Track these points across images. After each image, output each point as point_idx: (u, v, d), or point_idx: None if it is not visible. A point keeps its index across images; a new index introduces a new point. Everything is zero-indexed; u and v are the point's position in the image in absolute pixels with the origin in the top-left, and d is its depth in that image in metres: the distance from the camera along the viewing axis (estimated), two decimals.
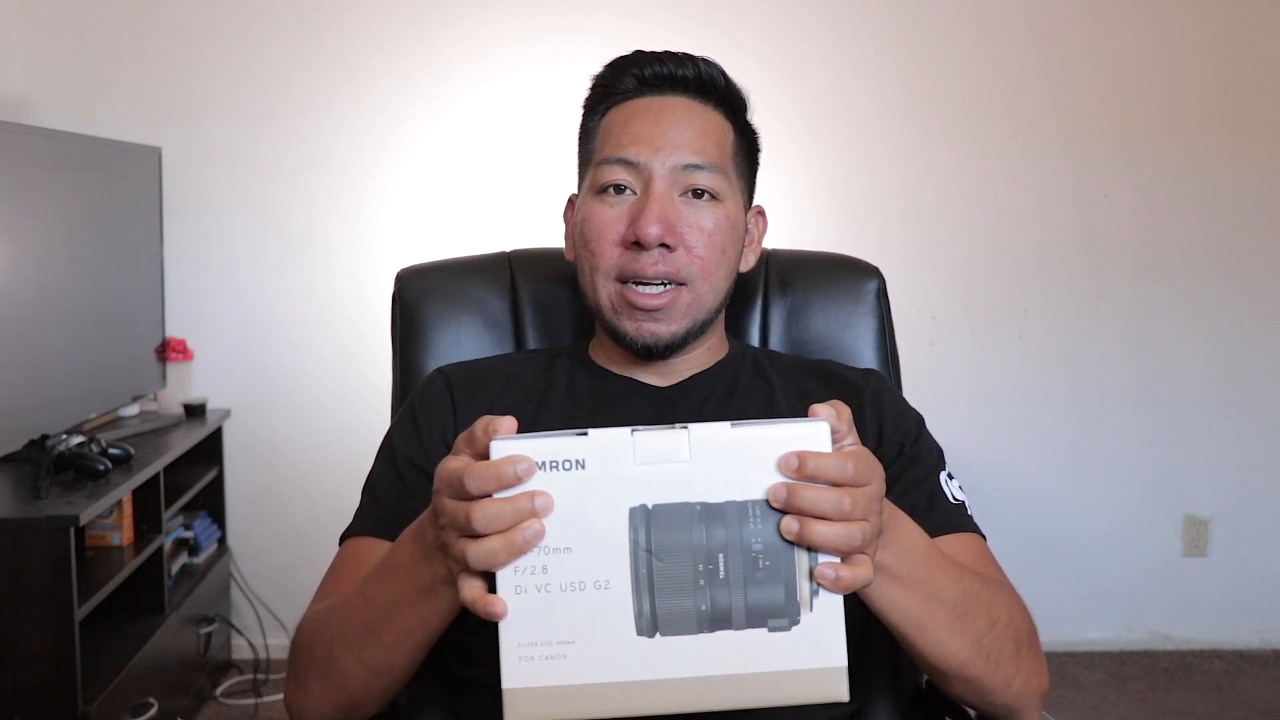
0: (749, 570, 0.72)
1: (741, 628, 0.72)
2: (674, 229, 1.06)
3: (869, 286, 1.33)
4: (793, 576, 0.72)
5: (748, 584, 0.72)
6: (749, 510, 0.72)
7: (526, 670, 0.72)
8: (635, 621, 0.72)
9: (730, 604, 0.72)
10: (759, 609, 0.72)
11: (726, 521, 0.72)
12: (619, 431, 0.73)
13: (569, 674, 0.72)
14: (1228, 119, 2.98)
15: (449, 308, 1.31)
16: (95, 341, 2.53)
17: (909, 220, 2.96)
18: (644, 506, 0.72)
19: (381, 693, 0.95)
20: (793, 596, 0.72)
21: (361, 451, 1.21)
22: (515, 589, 0.72)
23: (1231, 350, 3.05)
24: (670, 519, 0.72)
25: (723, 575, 0.72)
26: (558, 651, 0.72)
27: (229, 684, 2.82)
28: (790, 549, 0.72)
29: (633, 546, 0.72)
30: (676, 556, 0.72)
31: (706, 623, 0.72)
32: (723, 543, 0.72)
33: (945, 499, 1.07)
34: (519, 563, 0.72)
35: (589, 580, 0.72)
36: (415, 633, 0.88)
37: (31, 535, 1.91)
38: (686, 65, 1.11)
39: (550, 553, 0.72)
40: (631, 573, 0.72)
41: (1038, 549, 3.00)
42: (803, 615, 0.72)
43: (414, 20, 2.85)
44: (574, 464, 0.72)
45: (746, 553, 0.72)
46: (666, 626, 0.72)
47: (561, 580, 0.72)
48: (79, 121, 2.73)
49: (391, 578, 0.88)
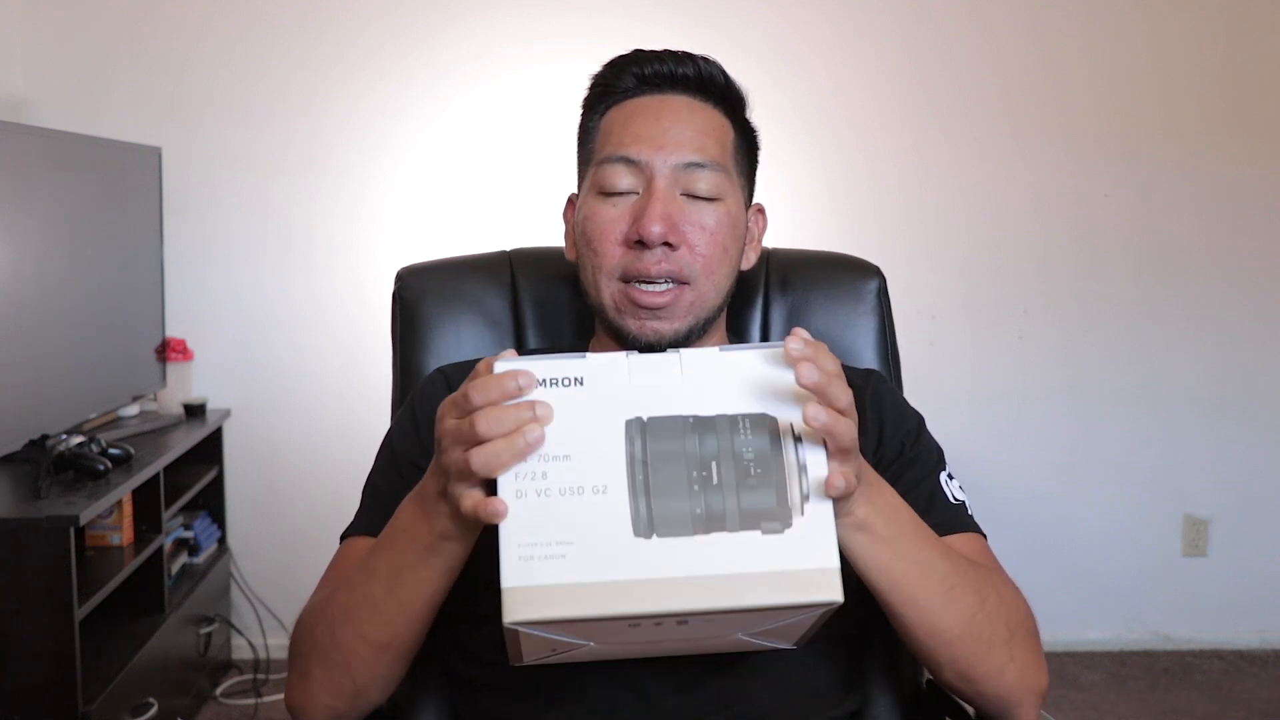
0: (741, 476, 0.74)
1: (735, 530, 0.74)
2: (676, 227, 1.06)
3: (869, 286, 1.33)
4: (783, 482, 0.74)
5: (740, 489, 0.74)
6: (739, 422, 0.75)
7: (526, 569, 0.73)
8: (633, 522, 0.74)
9: (724, 507, 0.74)
10: (752, 511, 0.74)
11: (718, 432, 0.75)
12: (615, 355, 0.77)
13: (568, 573, 0.73)
14: (1228, 119, 2.98)
15: (449, 307, 1.31)
16: (95, 341, 2.53)
17: (909, 220, 2.96)
18: (639, 419, 0.75)
19: (384, 673, 0.95)
20: (784, 500, 0.74)
21: (361, 451, 1.21)
22: (516, 493, 0.74)
23: (1231, 350, 3.05)
24: (665, 429, 0.75)
25: (716, 481, 0.74)
26: (556, 551, 0.73)
27: (229, 684, 2.82)
28: (779, 456, 0.75)
29: (629, 454, 0.75)
30: (671, 463, 0.74)
31: (702, 524, 0.74)
32: (715, 451, 0.75)
33: (946, 499, 1.07)
34: (519, 468, 0.74)
35: (587, 485, 0.74)
36: (416, 599, 0.89)
37: (31, 535, 1.91)
38: (686, 64, 1.11)
39: (550, 460, 0.74)
40: (629, 478, 0.74)
41: (1038, 549, 3.00)
42: (794, 519, 0.74)
43: (414, 20, 2.85)
44: (572, 380, 0.75)
45: (739, 460, 0.74)
46: (663, 527, 0.74)
47: (561, 485, 0.74)
48: (79, 121, 2.73)
49: (392, 543, 0.90)
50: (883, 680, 1.16)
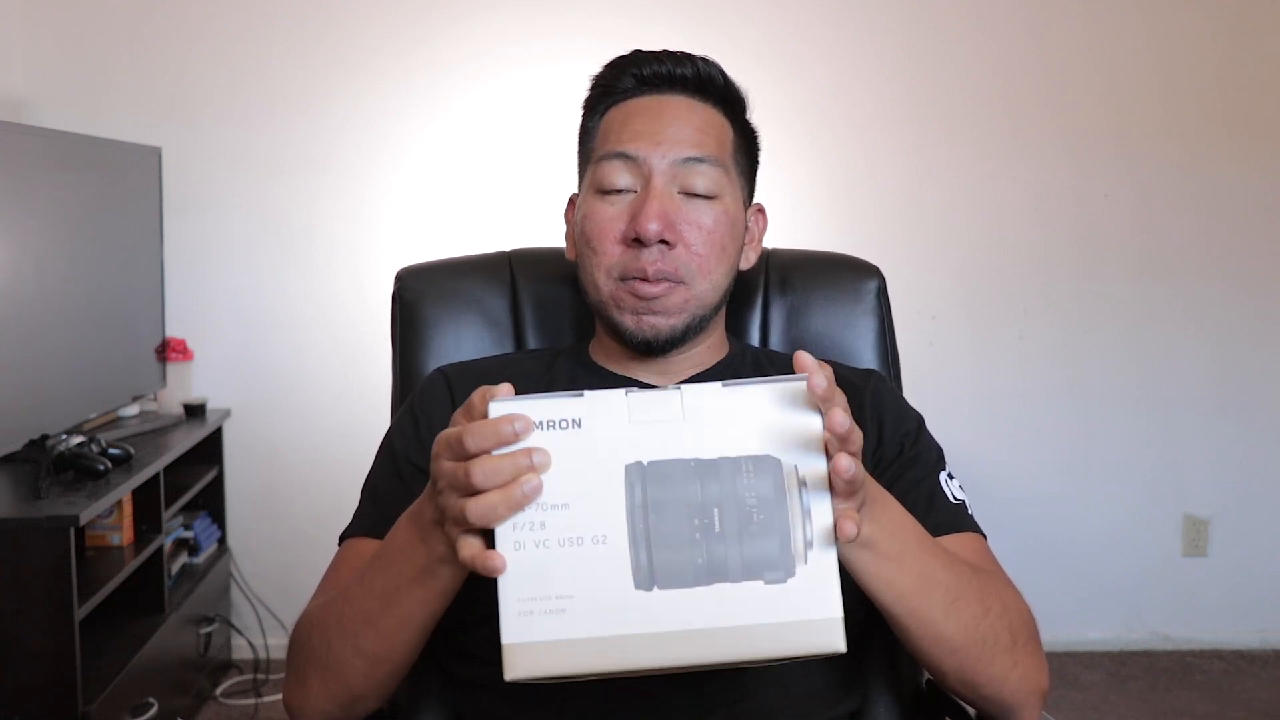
0: (744, 523, 0.72)
1: (738, 580, 0.72)
2: (673, 225, 1.06)
3: (869, 286, 1.33)
4: (786, 529, 0.73)
5: (743, 536, 0.72)
6: (742, 466, 0.73)
7: (525, 625, 0.72)
8: (633, 574, 0.72)
9: (726, 556, 0.72)
10: (755, 561, 0.72)
11: (721, 476, 0.73)
12: (614, 393, 0.74)
13: (568, 628, 0.72)
14: (1228, 119, 2.98)
15: (449, 307, 1.31)
16: (95, 341, 2.53)
17: (909, 220, 2.96)
18: (639, 463, 0.73)
19: (380, 684, 0.94)
20: (787, 549, 0.73)
21: (361, 451, 1.21)
22: (514, 545, 0.72)
23: (1231, 350, 3.05)
24: (666, 474, 0.73)
25: (718, 529, 0.72)
26: (556, 606, 0.72)
27: (229, 684, 2.82)
28: (784, 502, 0.73)
29: (629, 502, 0.73)
30: (672, 511, 0.72)
31: (704, 575, 0.72)
32: (717, 497, 0.73)
33: (946, 499, 1.07)
34: (517, 519, 0.72)
35: (587, 535, 0.72)
36: (413, 617, 0.88)
37: (31, 535, 1.91)
38: (685, 64, 1.11)
39: (548, 509, 0.73)
40: (629, 527, 0.72)
41: (1038, 549, 3.00)
42: (798, 568, 0.73)
43: (414, 20, 2.85)
44: (570, 423, 0.73)
45: (741, 506, 0.73)
46: (664, 579, 0.72)
47: (560, 536, 0.72)
48: (79, 121, 2.73)
49: (388, 562, 0.89)
50: (883, 680, 1.16)
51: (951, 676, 0.95)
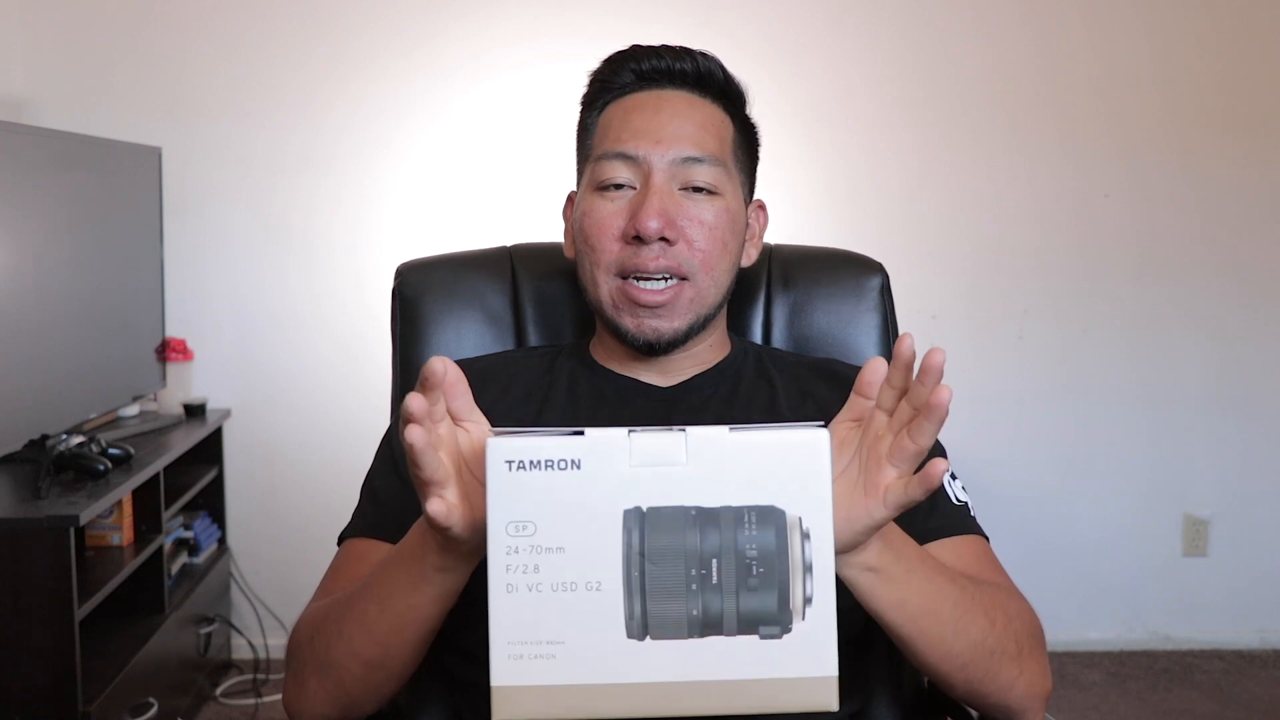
0: (742, 576, 0.71)
1: (733, 634, 0.71)
2: (674, 222, 1.06)
3: (872, 283, 1.33)
4: (786, 584, 0.71)
5: (740, 590, 0.71)
6: (744, 516, 0.71)
7: (516, 668, 0.71)
8: (626, 624, 0.71)
9: (722, 610, 0.71)
10: (751, 616, 0.71)
11: (721, 526, 0.71)
12: (616, 432, 0.72)
13: (558, 674, 0.71)
14: (1228, 119, 2.99)
15: (449, 303, 1.31)
16: (95, 341, 2.53)
17: (909, 220, 2.96)
18: (638, 509, 0.72)
19: (377, 690, 0.94)
20: (785, 604, 0.71)
21: (361, 451, 1.21)
22: (506, 587, 0.71)
23: (1231, 350, 3.05)
24: (664, 522, 0.71)
25: (715, 581, 0.71)
26: (547, 651, 0.71)
27: (229, 684, 2.82)
28: (785, 555, 0.71)
29: (626, 548, 0.71)
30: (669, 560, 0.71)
31: (698, 627, 0.71)
32: (717, 548, 0.71)
33: (948, 500, 1.06)
34: (511, 560, 0.71)
35: (581, 581, 0.71)
36: (407, 623, 0.88)
37: (31, 535, 1.91)
38: (684, 59, 1.11)
39: (543, 552, 0.71)
40: (624, 575, 0.71)
41: (1038, 549, 3.00)
42: (795, 624, 0.71)
43: (414, 20, 2.85)
44: (569, 464, 0.72)
45: (740, 559, 0.71)
46: (657, 630, 0.71)
47: (553, 580, 0.71)
48: (79, 121, 2.73)
49: (391, 566, 0.89)
50: (884, 681, 1.15)
51: (960, 688, 0.94)
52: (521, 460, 0.71)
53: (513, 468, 0.71)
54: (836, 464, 0.81)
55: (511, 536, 0.71)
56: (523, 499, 0.71)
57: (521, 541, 0.71)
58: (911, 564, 0.87)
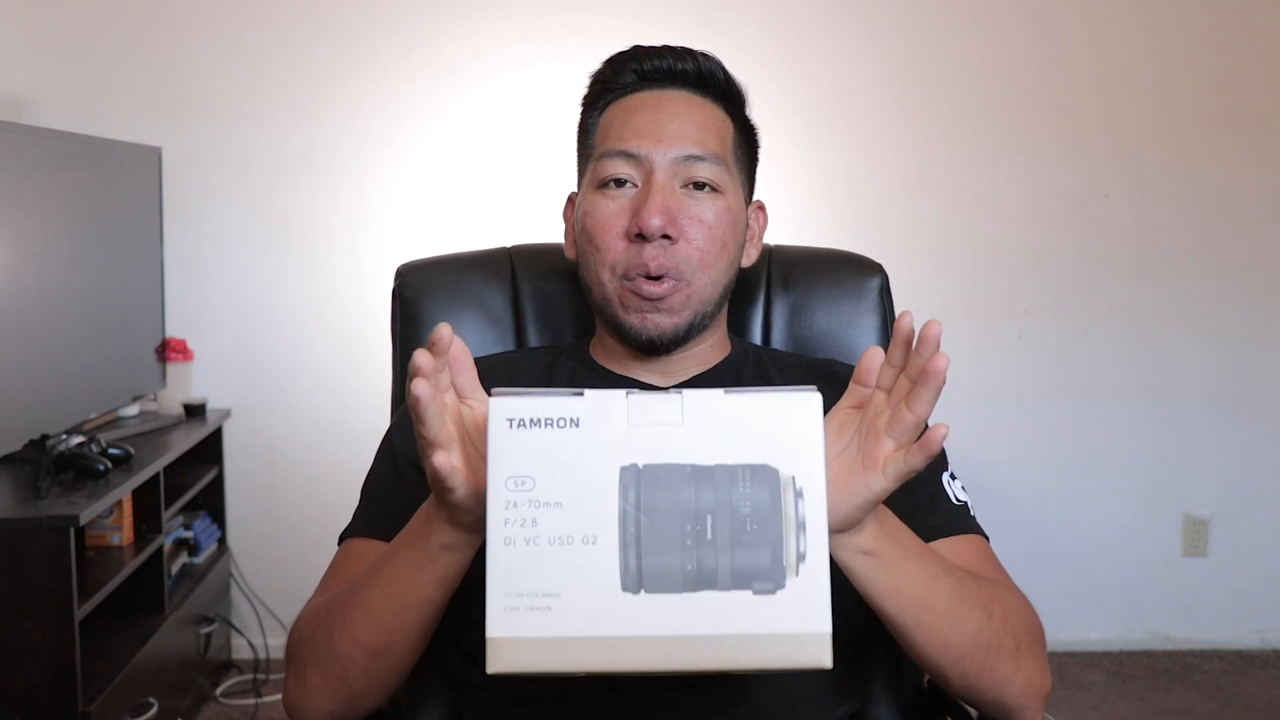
0: (736, 532, 0.72)
1: (726, 589, 0.72)
2: (676, 220, 1.06)
3: (872, 284, 1.33)
4: (779, 540, 0.72)
5: (734, 546, 0.72)
6: (739, 474, 0.73)
7: (511, 620, 0.72)
8: (621, 577, 0.72)
9: (716, 565, 0.72)
10: (745, 571, 0.72)
11: (716, 484, 0.73)
12: (614, 393, 0.74)
13: (553, 626, 0.72)
14: (1228, 119, 2.99)
15: (450, 303, 1.31)
16: (95, 341, 2.53)
17: (909, 220, 2.96)
18: (635, 465, 0.73)
19: (381, 681, 0.94)
20: (778, 560, 0.72)
21: (361, 451, 1.21)
22: (504, 540, 0.72)
23: (1231, 350, 3.05)
24: (660, 479, 0.73)
25: (710, 536, 0.72)
26: (543, 603, 0.72)
27: (229, 684, 2.82)
28: (779, 512, 0.72)
29: (622, 504, 0.72)
30: (665, 516, 0.72)
31: (692, 582, 0.72)
32: (711, 504, 0.72)
33: (948, 500, 1.06)
34: (509, 514, 0.72)
35: (577, 535, 0.72)
36: (411, 606, 0.88)
37: (31, 535, 1.91)
38: (685, 59, 1.11)
39: (540, 506, 0.73)
40: (619, 529, 0.72)
41: (1038, 549, 3.00)
42: (788, 580, 0.72)
43: (414, 20, 2.85)
44: (568, 422, 0.73)
45: (735, 515, 0.72)
46: (652, 584, 0.72)
47: (550, 533, 0.72)
48: (79, 121, 2.73)
49: (395, 552, 0.89)
50: (883, 681, 1.16)
51: (956, 682, 0.94)
52: (522, 418, 0.73)
53: (514, 425, 0.73)
54: (835, 444, 0.82)
55: (511, 491, 0.73)
56: (523, 455, 0.73)
57: (520, 496, 0.72)
58: (908, 550, 0.87)
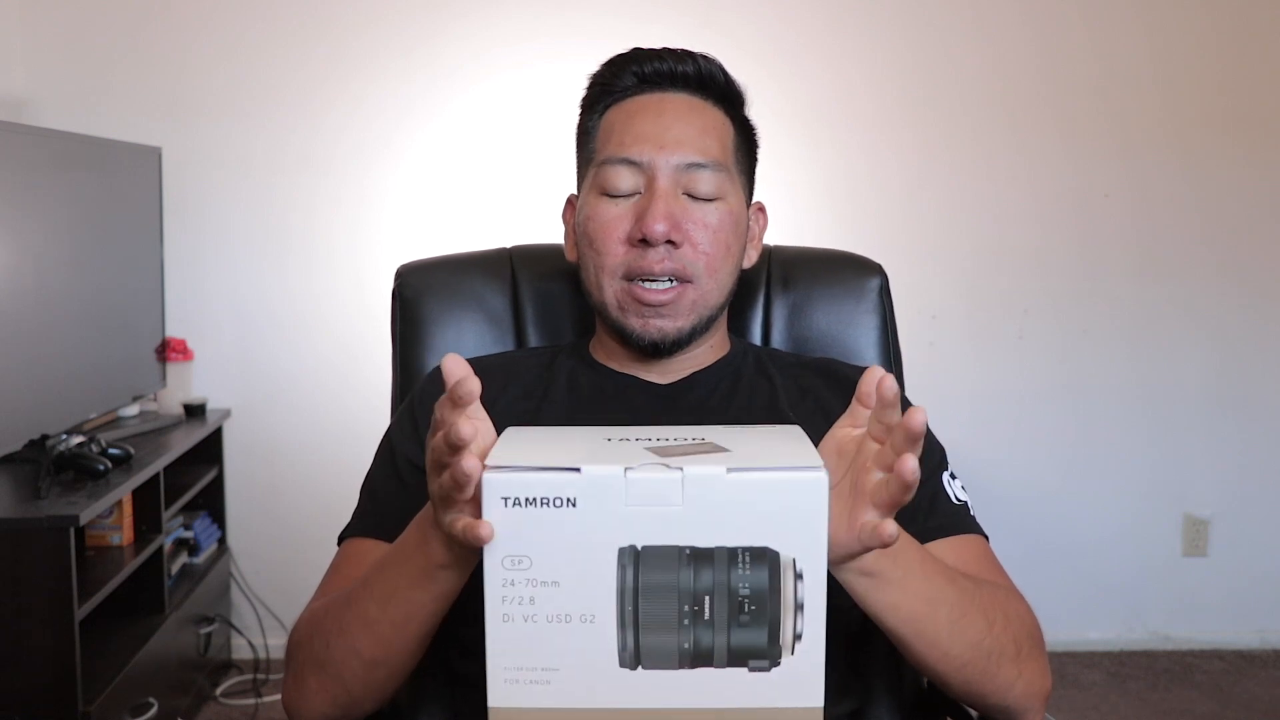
0: (734, 613, 0.72)
1: (723, 666, 0.73)
2: (679, 226, 1.06)
3: (872, 284, 1.33)
4: (777, 621, 0.72)
5: (732, 626, 0.73)
6: (739, 556, 0.72)
7: (511, 692, 0.74)
8: (619, 654, 0.73)
9: (713, 644, 0.73)
10: (741, 650, 0.73)
11: (715, 565, 0.72)
12: (612, 470, 0.72)
13: (552, 698, 0.74)
14: (1228, 119, 2.99)
15: (449, 304, 1.31)
16: (95, 341, 2.53)
17: (909, 220, 2.96)
18: (633, 547, 0.73)
19: (378, 688, 0.94)
20: (775, 640, 0.73)
21: (361, 451, 1.21)
22: (503, 617, 0.73)
23: (1231, 350, 3.05)
24: (658, 560, 0.73)
25: (708, 617, 0.73)
26: (541, 677, 0.74)
27: (229, 684, 2.82)
28: (777, 594, 0.72)
29: (620, 585, 0.73)
30: (662, 597, 0.73)
31: (688, 659, 0.73)
32: (710, 585, 0.72)
33: (948, 500, 1.06)
34: (507, 592, 0.73)
35: (575, 613, 0.73)
36: (409, 621, 0.88)
37: (31, 535, 1.91)
38: (686, 62, 1.11)
39: (539, 585, 0.73)
40: (618, 609, 0.73)
41: (1038, 549, 3.00)
42: (784, 658, 0.73)
43: (414, 20, 2.85)
44: (565, 502, 0.72)
45: (733, 596, 0.72)
46: (649, 661, 0.73)
47: (548, 611, 0.73)
48: (79, 121, 2.73)
49: (390, 565, 0.89)
50: (883, 680, 1.15)
51: (958, 689, 0.94)
52: (518, 497, 0.72)
53: (509, 504, 0.72)
54: (835, 471, 0.81)
55: (508, 570, 0.73)
56: (519, 534, 0.73)
57: (518, 574, 0.73)
58: (910, 566, 0.87)
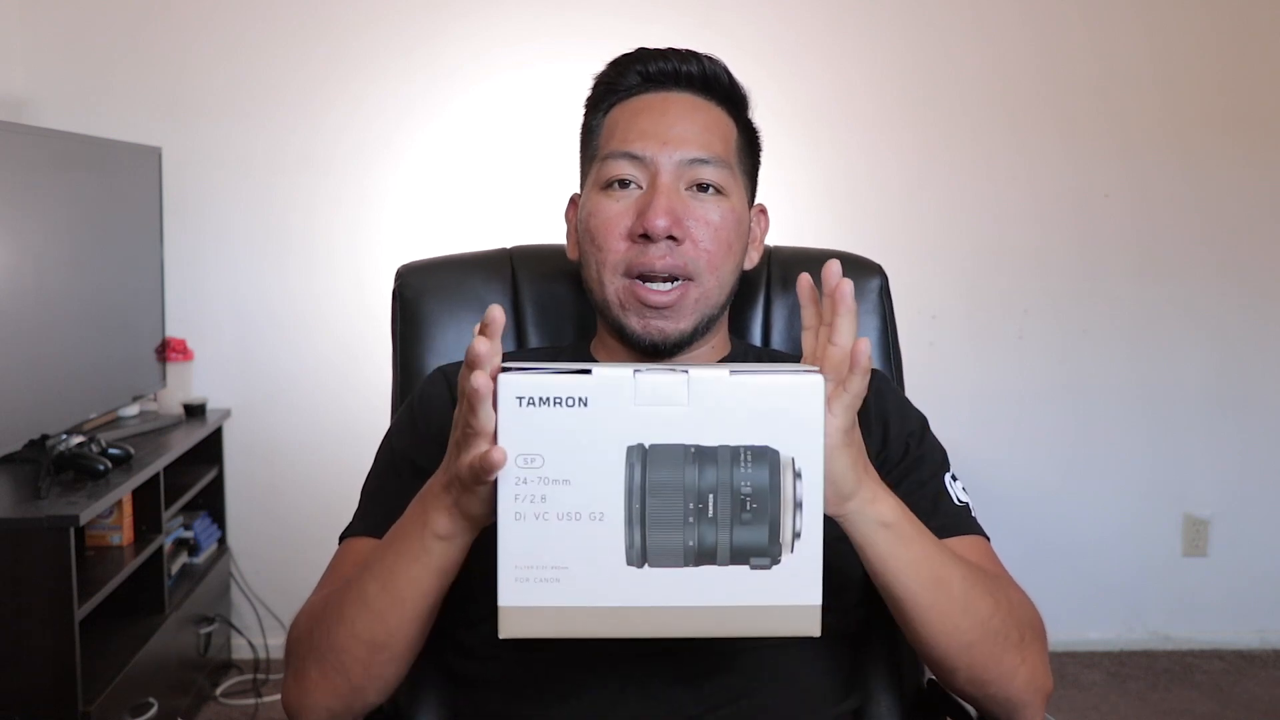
0: (736, 511, 0.75)
1: (725, 564, 0.76)
2: (681, 222, 1.06)
3: (872, 284, 1.33)
4: (777, 519, 0.75)
5: (734, 524, 0.76)
6: (741, 454, 0.76)
7: (521, 590, 0.76)
8: (625, 552, 0.76)
9: (716, 542, 0.76)
10: (743, 548, 0.76)
11: (718, 464, 0.76)
12: (622, 371, 0.76)
13: (561, 596, 0.76)
14: (1228, 119, 2.99)
15: (450, 304, 1.31)
16: (95, 341, 2.53)
17: (909, 220, 2.96)
18: (641, 445, 0.75)
19: (380, 675, 0.94)
20: (775, 538, 0.76)
21: (361, 451, 1.21)
22: (515, 515, 0.76)
23: (1231, 350, 3.05)
24: (665, 458, 0.75)
25: (711, 514, 0.76)
26: (551, 575, 0.76)
27: (229, 684, 2.82)
28: (777, 492, 0.75)
29: (627, 482, 0.75)
30: (668, 494, 0.75)
31: (693, 557, 0.76)
32: (713, 483, 0.75)
33: (950, 501, 1.06)
34: (519, 490, 0.75)
35: (584, 511, 0.76)
36: (407, 597, 0.89)
37: (31, 535, 1.91)
38: (690, 62, 1.11)
39: (549, 483, 0.76)
40: (625, 507, 0.76)
41: (1038, 549, 3.00)
42: (784, 556, 0.76)
43: (414, 20, 2.85)
44: (576, 401, 0.75)
45: (735, 494, 0.75)
46: (655, 559, 0.76)
47: (559, 509, 0.76)
48: (79, 121, 2.73)
49: (390, 543, 0.90)
50: (884, 679, 1.16)
51: (962, 673, 0.95)
52: (531, 396, 0.75)
53: (523, 403, 0.75)
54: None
55: (520, 468, 0.75)
56: (532, 433, 0.75)
57: (530, 473, 0.75)
58: (922, 528, 0.89)
